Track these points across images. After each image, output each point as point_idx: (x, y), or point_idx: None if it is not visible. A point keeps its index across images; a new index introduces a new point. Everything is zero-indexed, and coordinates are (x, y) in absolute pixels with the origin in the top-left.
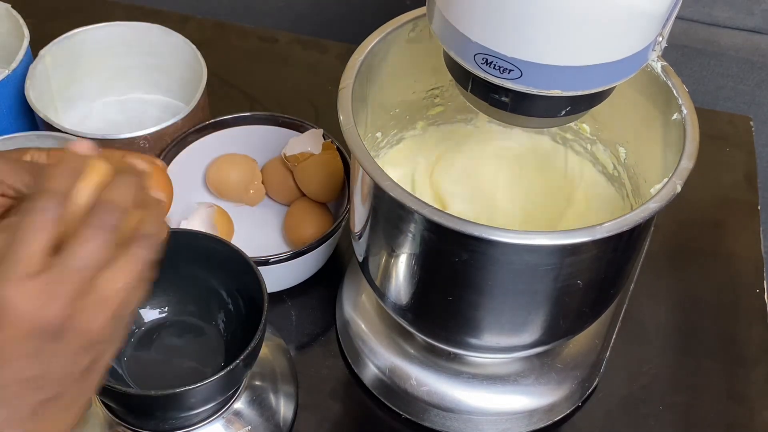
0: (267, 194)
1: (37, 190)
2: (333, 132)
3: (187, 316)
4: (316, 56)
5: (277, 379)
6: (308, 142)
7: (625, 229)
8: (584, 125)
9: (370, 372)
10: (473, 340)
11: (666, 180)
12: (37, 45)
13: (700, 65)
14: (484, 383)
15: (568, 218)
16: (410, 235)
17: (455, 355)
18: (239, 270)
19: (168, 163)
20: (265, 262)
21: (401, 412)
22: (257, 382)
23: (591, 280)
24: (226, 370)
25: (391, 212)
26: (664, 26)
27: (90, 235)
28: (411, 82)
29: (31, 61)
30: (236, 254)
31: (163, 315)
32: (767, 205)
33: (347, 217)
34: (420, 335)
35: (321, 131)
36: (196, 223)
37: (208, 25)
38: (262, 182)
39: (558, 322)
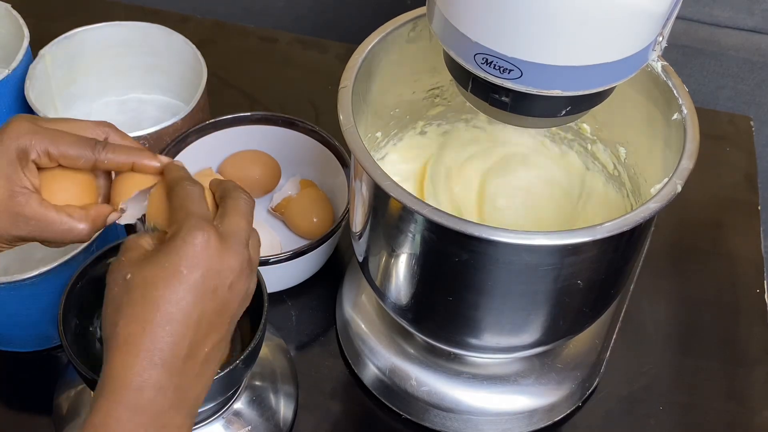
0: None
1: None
2: (333, 132)
3: None
4: (316, 56)
5: (277, 379)
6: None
7: (625, 229)
8: (584, 125)
9: (370, 372)
10: (473, 341)
11: (666, 180)
12: (37, 45)
13: (700, 65)
14: (485, 383)
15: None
16: (410, 235)
17: (455, 355)
18: None
19: None
20: (265, 262)
21: (401, 413)
22: (257, 382)
23: (591, 281)
24: (226, 370)
25: (391, 212)
26: (664, 26)
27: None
28: (411, 82)
29: (31, 61)
30: None
31: None
32: (767, 205)
33: (347, 217)
34: (420, 335)
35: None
36: None
37: (208, 25)
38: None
39: (558, 323)
